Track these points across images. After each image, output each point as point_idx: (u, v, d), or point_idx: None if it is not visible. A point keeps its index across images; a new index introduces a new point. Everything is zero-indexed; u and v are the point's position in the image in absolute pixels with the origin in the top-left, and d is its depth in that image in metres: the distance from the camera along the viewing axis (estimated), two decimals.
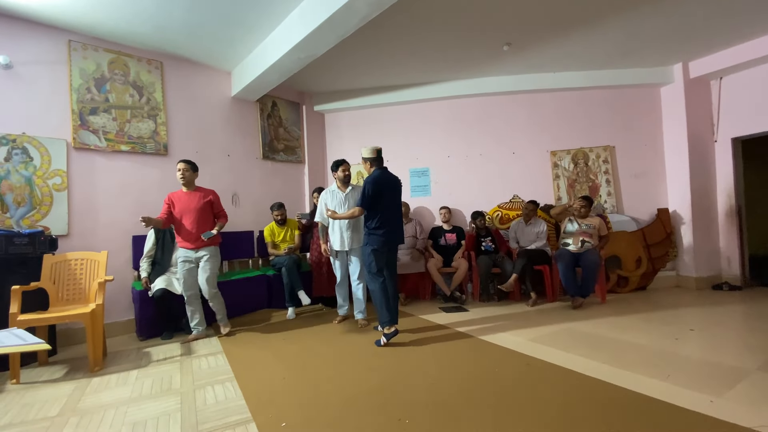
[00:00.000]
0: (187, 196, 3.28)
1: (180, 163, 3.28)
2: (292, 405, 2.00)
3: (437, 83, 5.09)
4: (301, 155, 5.32)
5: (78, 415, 1.99)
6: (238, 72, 4.45)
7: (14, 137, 3.19)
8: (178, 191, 3.32)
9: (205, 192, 3.37)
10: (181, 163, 3.28)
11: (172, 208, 3.23)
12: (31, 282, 2.81)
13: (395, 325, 2.91)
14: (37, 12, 3.22)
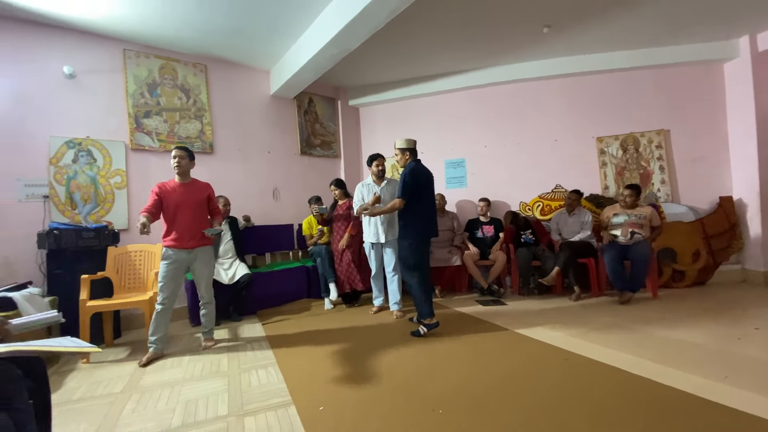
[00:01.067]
0: (182, 188, 2.84)
1: (175, 150, 2.81)
2: (329, 390, 2.08)
3: (472, 71, 4.96)
4: (337, 150, 5.41)
5: (139, 393, 2.19)
6: (276, 70, 4.60)
7: (80, 141, 3.52)
8: (170, 182, 2.86)
9: (203, 185, 2.97)
10: (177, 149, 2.81)
11: (163, 201, 2.77)
12: (98, 272, 3.12)
13: (435, 318, 2.92)
14: (96, 25, 3.51)
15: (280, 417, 1.83)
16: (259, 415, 1.86)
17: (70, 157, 3.46)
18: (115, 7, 3.27)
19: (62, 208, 3.41)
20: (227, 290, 3.61)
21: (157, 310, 2.74)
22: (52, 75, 3.46)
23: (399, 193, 3.00)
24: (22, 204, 3.28)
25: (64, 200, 3.42)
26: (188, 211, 2.82)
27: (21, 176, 3.29)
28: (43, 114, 3.39)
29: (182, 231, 2.79)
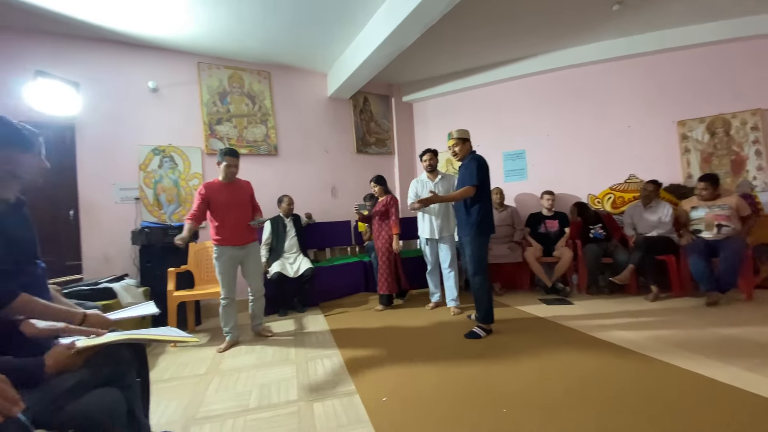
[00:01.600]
0: (228, 188, 2.94)
1: (232, 158, 2.91)
2: (390, 383, 2.12)
3: (531, 58, 4.72)
4: (391, 147, 5.47)
5: (220, 375, 2.41)
6: (333, 73, 4.75)
7: (163, 148, 3.93)
8: (215, 183, 2.95)
9: (245, 184, 3.07)
10: (234, 158, 2.92)
11: (210, 201, 2.88)
12: (181, 265, 3.46)
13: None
14: (174, 42, 3.89)
15: (346, 405, 1.91)
16: (327, 402, 1.95)
17: (156, 163, 3.88)
18: (191, 26, 3.59)
19: (151, 209, 3.84)
20: (292, 283, 3.83)
21: (223, 304, 2.95)
22: (139, 90, 3.90)
23: (470, 180, 2.77)
24: (118, 205, 3.75)
25: (152, 201, 3.85)
26: (235, 210, 2.94)
27: (117, 181, 3.75)
28: (132, 125, 3.84)
29: (232, 229, 2.92)
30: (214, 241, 2.93)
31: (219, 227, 2.90)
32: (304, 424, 1.76)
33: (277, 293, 3.81)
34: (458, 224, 2.96)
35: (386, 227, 3.76)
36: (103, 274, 3.41)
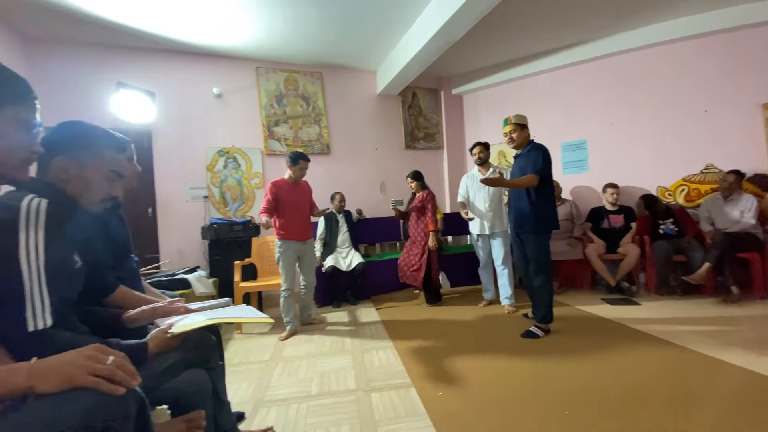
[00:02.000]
0: (293, 187, 3.15)
1: (306, 162, 3.15)
2: (445, 378, 2.14)
3: (591, 42, 4.41)
4: (440, 141, 5.42)
5: (283, 361, 2.57)
6: (383, 70, 4.80)
7: (227, 150, 4.22)
8: (281, 182, 3.15)
9: (305, 184, 3.29)
10: (307, 161, 3.17)
11: (279, 199, 3.07)
12: (245, 258, 3.72)
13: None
14: (235, 49, 4.15)
15: (402, 397, 1.96)
16: (384, 392, 2.02)
17: (221, 164, 4.18)
18: (250, 33, 3.81)
19: (217, 206, 4.16)
20: (345, 276, 3.97)
21: (284, 296, 3.14)
22: (205, 96, 4.21)
23: (533, 169, 2.60)
24: (189, 203, 4.10)
25: (218, 199, 4.16)
26: (299, 208, 3.18)
27: (187, 181, 4.10)
28: (200, 129, 4.16)
29: (296, 225, 3.14)
30: (279, 236, 3.13)
31: (284, 223, 3.11)
32: (363, 412, 1.83)
33: (331, 286, 3.96)
34: (519, 219, 2.78)
35: (423, 223, 3.72)
36: (177, 266, 3.76)
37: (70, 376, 0.62)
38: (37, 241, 0.84)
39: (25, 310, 0.78)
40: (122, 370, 0.67)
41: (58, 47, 3.72)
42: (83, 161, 1.09)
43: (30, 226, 0.83)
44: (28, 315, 0.78)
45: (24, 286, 0.79)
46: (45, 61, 3.71)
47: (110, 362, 0.67)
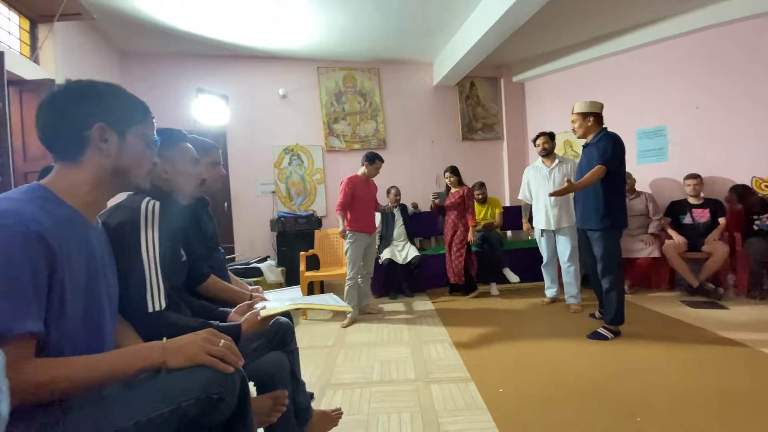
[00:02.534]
0: (365, 184, 3.39)
1: (381, 162, 3.42)
2: (505, 375, 2.13)
3: (673, 17, 3.96)
4: (500, 131, 5.24)
5: (345, 348, 2.72)
6: (439, 61, 4.75)
7: (292, 147, 4.48)
8: (355, 177, 3.36)
9: (372, 181, 3.52)
10: (382, 161, 3.44)
11: (354, 194, 3.27)
12: (309, 249, 3.95)
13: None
14: (298, 52, 4.36)
15: (462, 391, 1.99)
16: (443, 385, 2.06)
17: (286, 161, 4.46)
18: (313, 35, 3.99)
19: (284, 201, 4.45)
20: (401, 269, 4.05)
21: (349, 285, 3.29)
22: (271, 97, 4.49)
23: (600, 159, 2.42)
24: (259, 198, 4.43)
25: (284, 194, 4.45)
26: (371, 203, 3.43)
27: (257, 178, 4.43)
28: (267, 129, 4.46)
29: (367, 218, 3.35)
30: (351, 228, 3.28)
31: (356, 217, 3.29)
32: (423, 402, 1.90)
33: (388, 278, 4.07)
34: (584, 214, 2.63)
35: (456, 219, 3.82)
36: (249, 256, 4.10)
37: (193, 355, 0.75)
38: (153, 237, 1.00)
39: (146, 294, 0.94)
40: (231, 352, 0.79)
41: (147, 59, 4.20)
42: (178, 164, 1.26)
43: (148, 224, 1.00)
44: (147, 298, 0.95)
45: (144, 275, 0.95)
46: (137, 71, 4.20)
47: (221, 345, 0.79)
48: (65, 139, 0.76)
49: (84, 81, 0.81)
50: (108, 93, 0.82)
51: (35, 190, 0.73)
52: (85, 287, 0.73)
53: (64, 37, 3.19)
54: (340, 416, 1.64)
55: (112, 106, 0.81)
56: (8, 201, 0.67)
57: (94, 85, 0.81)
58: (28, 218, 0.65)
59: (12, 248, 0.61)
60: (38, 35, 3.02)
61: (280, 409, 1.10)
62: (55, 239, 0.66)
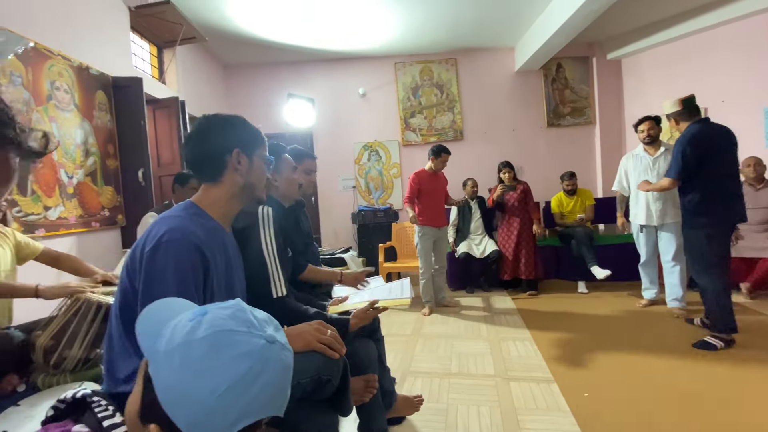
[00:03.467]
0: (433, 177, 3.38)
1: (448, 154, 3.40)
2: (592, 379, 2.03)
3: None
4: (591, 115, 4.81)
5: (423, 338, 2.82)
6: (522, 45, 4.50)
7: (370, 144, 4.67)
8: (422, 172, 3.39)
9: (443, 175, 3.51)
10: (449, 154, 3.41)
11: (420, 189, 3.32)
12: (387, 242, 4.13)
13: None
14: (377, 50, 4.50)
15: (544, 391, 1.95)
16: (523, 383, 2.05)
17: (366, 157, 4.67)
18: (391, 32, 4.08)
19: (363, 195, 4.69)
20: (478, 263, 4.00)
21: (424, 279, 3.39)
22: (352, 96, 4.72)
23: (671, 172, 2.40)
24: (341, 193, 4.72)
25: (364, 189, 4.69)
26: (439, 196, 3.44)
27: (339, 173, 4.71)
28: (349, 126, 4.70)
29: (435, 212, 3.39)
30: (419, 222, 3.36)
31: (423, 210, 3.34)
32: (503, 398, 1.92)
33: (465, 271, 4.06)
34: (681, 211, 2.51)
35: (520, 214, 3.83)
36: (334, 246, 4.42)
37: (308, 342, 0.91)
38: (270, 236, 1.19)
39: (270, 283, 1.14)
40: (337, 341, 0.93)
41: (246, 69, 4.71)
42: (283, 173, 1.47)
43: (265, 226, 1.19)
44: (271, 287, 1.14)
45: (267, 267, 1.15)
46: (237, 81, 4.74)
47: (329, 334, 0.94)
48: (210, 164, 0.95)
49: (220, 115, 0.99)
50: (238, 123, 1.00)
51: (189, 207, 0.93)
52: (225, 283, 0.92)
53: (183, 58, 3.74)
54: (422, 402, 1.74)
55: (242, 134, 0.99)
56: (175, 219, 0.88)
57: (227, 118, 0.99)
58: (189, 232, 0.84)
59: (181, 256, 0.81)
60: (164, 59, 3.59)
61: (371, 391, 1.24)
62: (207, 248, 0.86)
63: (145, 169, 2.71)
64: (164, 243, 0.81)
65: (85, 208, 2.38)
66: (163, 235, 0.82)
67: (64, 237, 2.23)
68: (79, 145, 2.37)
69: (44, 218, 2.09)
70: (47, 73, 2.17)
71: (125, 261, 0.87)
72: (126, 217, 2.72)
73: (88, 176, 2.43)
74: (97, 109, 2.54)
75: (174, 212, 0.92)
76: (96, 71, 2.56)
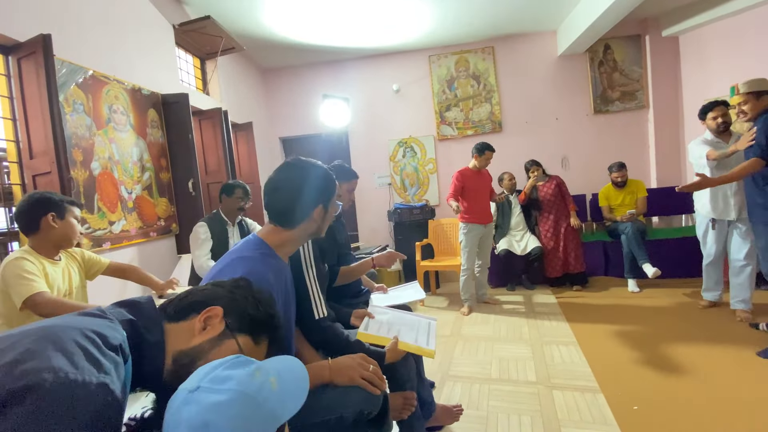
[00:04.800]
0: (478, 175, 3.39)
1: (492, 152, 3.34)
2: (641, 390, 1.94)
3: None
4: (643, 99, 4.45)
5: (462, 340, 2.82)
6: (565, 27, 4.23)
7: (405, 140, 4.64)
8: (466, 170, 3.39)
9: (487, 172, 3.50)
10: (492, 151, 3.35)
11: (464, 186, 3.31)
12: (423, 239, 4.12)
13: None
14: (410, 44, 4.42)
15: (589, 402, 1.89)
16: (567, 392, 2.00)
17: (401, 154, 4.66)
18: (425, 24, 3.99)
19: (399, 192, 4.68)
20: (519, 260, 3.90)
21: (465, 276, 3.37)
22: (386, 93, 4.69)
23: (756, 150, 2.13)
24: (377, 190, 4.75)
25: (399, 185, 4.68)
26: (484, 194, 3.42)
27: (375, 171, 4.74)
28: (383, 124, 4.69)
29: (480, 209, 3.37)
30: (464, 220, 3.36)
31: (469, 208, 3.34)
32: (545, 408, 1.88)
33: (505, 268, 3.97)
34: (747, 205, 2.35)
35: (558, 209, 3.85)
36: (371, 243, 4.49)
37: (352, 377, 0.96)
38: (310, 259, 1.25)
39: (312, 305, 1.20)
40: (378, 377, 0.97)
41: (283, 72, 4.82)
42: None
43: (305, 249, 1.25)
44: (313, 308, 1.20)
45: (309, 290, 1.20)
46: (276, 84, 4.87)
47: (371, 370, 0.98)
48: (293, 216, 1.01)
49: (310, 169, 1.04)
50: (326, 179, 1.06)
51: (260, 246, 1.01)
52: (284, 313, 0.99)
53: (224, 67, 3.90)
54: (461, 413, 1.76)
55: (327, 189, 1.06)
56: (251, 261, 0.95)
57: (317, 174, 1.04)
58: (262, 276, 0.91)
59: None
60: (207, 69, 3.77)
61: (409, 408, 1.27)
62: (275, 287, 0.93)
63: (194, 179, 2.88)
64: None
65: (143, 220, 2.59)
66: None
67: (127, 248, 2.45)
68: (136, 162, 2.57)
69: (109, 232, 2.30)
70: (105, 98, 2.36)
71: None
72: (179, 225, 2.93)
73: (145, 190, 2.63)
74: (150, 126, 2.73)
75: (248, 252, 0.99)
76: (147, 91, 2.74)
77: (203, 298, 0.69)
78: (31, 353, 0.45)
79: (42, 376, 0.42)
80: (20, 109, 2.01)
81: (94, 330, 0.52)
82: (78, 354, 0.47)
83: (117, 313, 0.62)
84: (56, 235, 1.50)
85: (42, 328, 0.50)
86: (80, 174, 2.14)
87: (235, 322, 0.67)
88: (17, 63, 2.00)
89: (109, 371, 0.49)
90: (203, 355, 0.63)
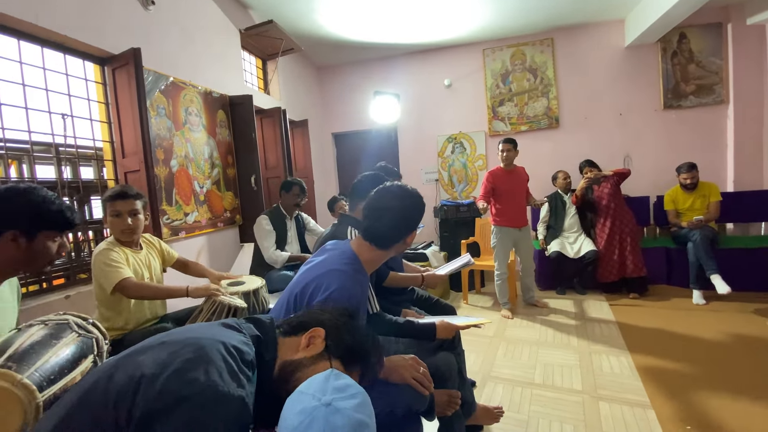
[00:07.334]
0: (509, 175, 3.25)
1: (504, 144, 3.20)
2: (696, 410, 1.85)
3: None
4: (722, 94, 4.04)
5: (505, 342, 2.81)
6: (634, 16, 3.94)
7: (455, 136, 4.61)
8: (497, 170, 3.28)
9: (521, 170, 3.35)
10: (505, 143, 3.20)
11: (495, 187, 3.20)
12: (469, 237, 4.10)
13: None
14: (464, 38, 4.36)
15: (638, 417, 1.84)
16: (614, 405, 1.95)
17: (449, 150, 4.64)
18: (480, 19, 3.91)
19: (446, 188, 4.69)
20: (572, 264, 3.76)
21: (499, 280, 3.34)
22: (437, 88, 4.67)
23: None
24: (424, 186, 4.78)
25: (447, 182, 4.68)
26: (517, 196, 3.29)
27: (422, 167, 4.77)
28: (433, 119, 4.69)
29: (512, 212, 3.26)
30: (495, 223, 3.33)
31: (500, 210, 3.29)
32: (590, 418, 1.86)
33: (556, 271, 3.85)
34: None
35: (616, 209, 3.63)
36: (416, 240, 4.54)
37: (403, 377, 1.06)
38: None
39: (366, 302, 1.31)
40: (427, 379, 1.06)
41: (338, 69, 4.97)
42: None
43: None
44: (368, 305, 1.31)
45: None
46: (330, 81, 5.03)
47: (421, 372, 1.07)
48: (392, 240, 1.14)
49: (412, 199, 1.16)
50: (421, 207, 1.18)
51: (354, 262, 1.14)
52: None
53: (283, 66, 4.11)
54: (502, 414, 1.79)
55: (420, 215, 1.19)
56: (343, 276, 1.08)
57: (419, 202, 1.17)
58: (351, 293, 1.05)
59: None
60: (268, 70, 4.00)
61: (453, 406, 1.34)
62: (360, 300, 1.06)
63: (256, 175, 3.12)
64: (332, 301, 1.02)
65: (212, 212, 2.87)
66: (333, 292, 1.03)
67: (198, 237, 2.74)
68: (207, 159, 2.84)
69: (184, 222, 2.59)
70: (182, 102, 2.62)
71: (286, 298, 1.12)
72: (242, 216, 3.20)
73: (214, 185, 2.91)
74: (219, 126, 2.99)
75: (342, 265, 1.11)
76: (217, 93, 2.99)
77: (311, 319, 0.83)
78: (192, 363, 0.60)
79: (201, 386, 0.58)
80: (114, 114, 2.30)
81: (234, 345, 0.67)
82: (224, 369, 0.62)
83: (248, 328, 0.77)
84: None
85: (197, 339, 0.66)
86: (162, 171, 2.42)
87: (333, 345, 0.80)
88: (112, 73, 2.28)
89: (244, 385, 0.63)
90: (302, 369, 0.75)
